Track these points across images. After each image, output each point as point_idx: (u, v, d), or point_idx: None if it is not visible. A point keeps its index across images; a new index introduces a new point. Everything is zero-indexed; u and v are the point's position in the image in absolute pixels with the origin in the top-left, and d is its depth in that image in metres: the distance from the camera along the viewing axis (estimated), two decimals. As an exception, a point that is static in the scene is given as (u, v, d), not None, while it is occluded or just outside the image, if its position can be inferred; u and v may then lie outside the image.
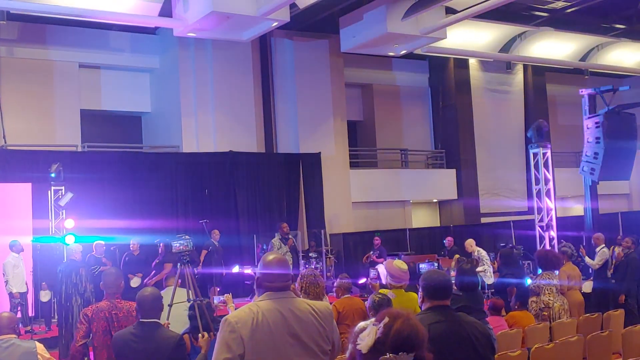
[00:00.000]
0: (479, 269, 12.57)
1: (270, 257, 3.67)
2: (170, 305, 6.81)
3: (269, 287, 3.55)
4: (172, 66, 18.35)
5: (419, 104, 23.68)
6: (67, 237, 12.21)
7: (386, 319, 1.77)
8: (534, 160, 15.17)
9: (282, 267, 3.60)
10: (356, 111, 22.72)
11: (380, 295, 5.92)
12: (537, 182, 15.26)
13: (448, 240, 15.87)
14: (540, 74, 24.53)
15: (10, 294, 11.71)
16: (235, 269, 14.53)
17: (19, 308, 11.61)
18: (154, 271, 12.64)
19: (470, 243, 13.72)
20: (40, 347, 5.23)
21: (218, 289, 14.15)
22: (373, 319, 1.83)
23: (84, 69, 17.90)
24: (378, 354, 1.71)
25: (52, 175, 13.53)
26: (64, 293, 10.07)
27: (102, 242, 12.87)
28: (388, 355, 1.70)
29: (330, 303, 6.38)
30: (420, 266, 12.16)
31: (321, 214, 18.73)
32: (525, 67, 24.05)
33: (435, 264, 13.19)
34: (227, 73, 18.30)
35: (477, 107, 22.93)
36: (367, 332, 1.76)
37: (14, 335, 5.20)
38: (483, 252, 13.63)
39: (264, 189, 18.06)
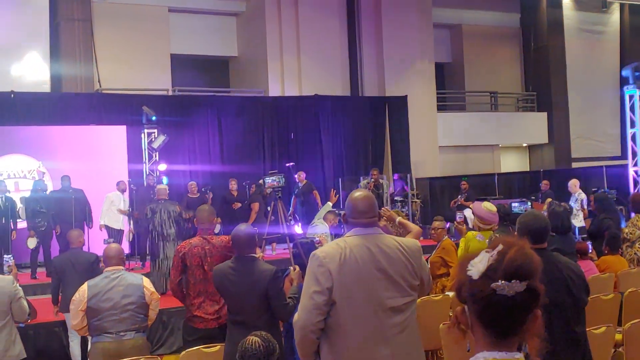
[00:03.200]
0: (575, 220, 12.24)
1: (357, 194, 3.70)
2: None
3: (355, 224, 3.58)
4: (258, 9, 18.38)
5: (509, 45, 23.04)
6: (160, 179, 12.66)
7: (500, 246, 1.76)
8: (629, 102, 14.62)
9: (368, 203, 3.62)
10: (444, 53, 22.30)
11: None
12: (633, 125, 14.73)
13: (544, 184, 15.47)
14: (638, 13, 23.38)
15: (106, 227, 12.31)
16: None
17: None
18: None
19: (574, 183, 13.38)
20: (146, 281, 5.50)
21: None
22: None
23: (173, 13, 18.14)
24: (489, 281, 1.71)
25: (153, 118, 13.93)
26: (154, 231, 10.44)
27: (195, 183, 13.26)
28: (500, 282, 1.69)
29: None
30: (513, 205, 11.86)
31: (407, 158, 18.60)
32: (621, 5, 22.97)
33: (529, 203, 12.92)
34: (312, 15, 18.21)
35: (570, 48, 22.13)
36: (479, 258, 1.75)
37: (121, 267, 5.48)
38: (583, 196, 13.28)
39: (350, 133, 18.02)
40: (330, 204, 10.90)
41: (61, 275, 7.28)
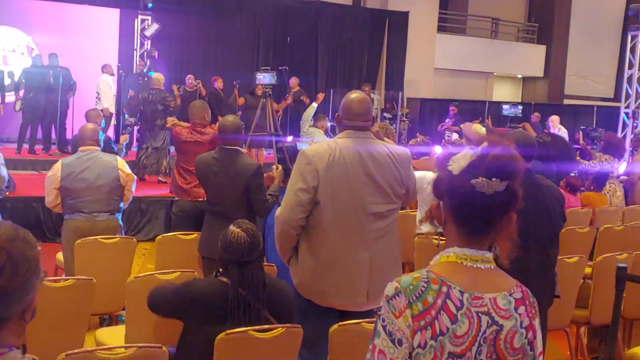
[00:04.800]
0: None
1: (353, 95, 3.62)
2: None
3: (348, 126, 3.53)
4: None
5: (518, -28, 22.54)
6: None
7: (485, 143, 1.73)
8: (631, 43, 14.47)
9: (364, 106, 3.56)
10: (451, -28, 21.79)
11: None
12: (631, 67, 14.63)
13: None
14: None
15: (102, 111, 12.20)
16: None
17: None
18: None
19: (555, 119, 13.37)
20: (121, 162, 5.38)
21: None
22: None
23: None
24: (469, 177, 1.68)
25: (150, 5, 13.58)
26: (144, 119, 10.39)
27: (192, 76, 13.04)
28: (480, 179, 1.66)
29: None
30: (504, 107, 11.64)
31: (401, 76, 18.42)
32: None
33: (520, 107, 12.95)
34: None
35: (578, -18, 21.69)
36: (462, 154, 1.72)
37: (96, 148, 5.35)
38: (564, 130, 13.29)
39: (347, 44, 17.76)
40: (315, 105, 10.67)
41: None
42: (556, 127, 13.43)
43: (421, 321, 1.65)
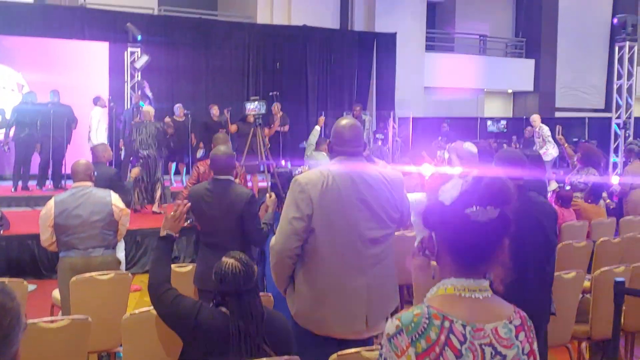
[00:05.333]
0: (541, 150, 12.18)
1: (343, 122, 3.62)
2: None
3: (340, 152, 3.53)
4: None
5: (502, -12, 22.74)
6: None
7: (475, 171, 1.72)
8: (618, 54, 14.55)
9: (355, 132, 3.56)
10: (437, -10, 21.97)
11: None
12: (620, 77, 14.69)
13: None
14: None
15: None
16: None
17: None
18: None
19: (535, 118, 13.35)
20: (115, 197, 5.36)
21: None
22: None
23: None
24: (463, 206, 1.67)
25: (139, 38, 13.60)
26: (135, 152, 10.40)
27: (181, 105, 13.09)
28: (474, 208, 1.65)
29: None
30: (487, 122, 11.78)
31: (392, 96, 18.48)
32: (620, -46, 22.65)
33: (503, 122, 13.08)
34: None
35: (564, -5, 21.87)
36: (451, 184, 1.71)
37: (89, 183, 5.34)
38: (545, 129, 13.23)
39: (336, 67, 17.84)
40: (318, 128, 10.71)
41: None
42: (537, 126, 13.32)
43: (426, 358, 1.63)
